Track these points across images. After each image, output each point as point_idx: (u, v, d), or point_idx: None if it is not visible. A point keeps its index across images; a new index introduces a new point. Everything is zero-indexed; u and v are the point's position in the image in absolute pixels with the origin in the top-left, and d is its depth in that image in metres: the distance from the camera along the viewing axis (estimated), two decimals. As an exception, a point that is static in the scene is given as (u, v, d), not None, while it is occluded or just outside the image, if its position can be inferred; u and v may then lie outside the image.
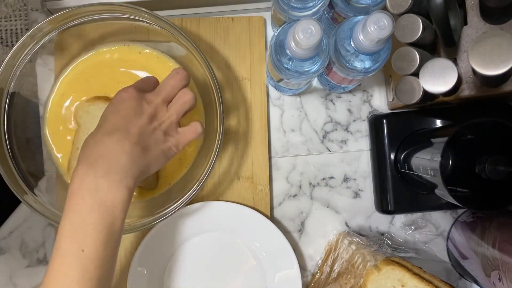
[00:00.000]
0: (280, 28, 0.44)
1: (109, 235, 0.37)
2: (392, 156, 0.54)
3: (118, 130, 0.40)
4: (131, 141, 0.39)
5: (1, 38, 0.58)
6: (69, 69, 0.52)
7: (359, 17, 0.43)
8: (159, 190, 0.53)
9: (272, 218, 0.57)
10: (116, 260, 0.39)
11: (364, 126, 0.58)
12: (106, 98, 0.51)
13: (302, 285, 0.54)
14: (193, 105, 0.45)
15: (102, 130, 0.40)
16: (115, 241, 0.38)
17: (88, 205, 0.37)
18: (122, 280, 0.55)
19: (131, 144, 0.39)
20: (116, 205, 0.37)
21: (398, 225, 0.58)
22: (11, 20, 0.58)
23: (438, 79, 0.40)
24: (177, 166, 0.53)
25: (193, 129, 0.45)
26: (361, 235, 0.58)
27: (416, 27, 0.41)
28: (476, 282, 0.55)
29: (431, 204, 0.54)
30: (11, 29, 0.58)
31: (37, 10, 0.56)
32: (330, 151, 0.58)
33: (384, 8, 0.42)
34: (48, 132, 0.52)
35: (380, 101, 0.59)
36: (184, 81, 0.44)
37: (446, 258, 0.58)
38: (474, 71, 0.36)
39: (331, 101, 0.58)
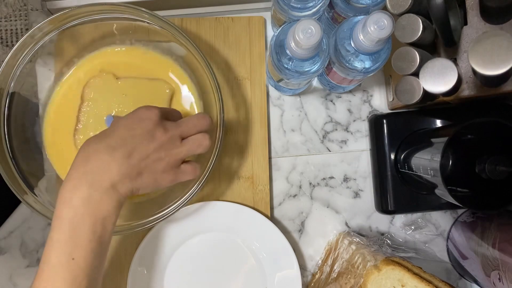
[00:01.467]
0: (280, 28, 0.44)
1: (99, 245, 0.38)
2: (392, 156, 0.54)
3: (122, 148, 0.39)
4: (130, 163, 0.39)
5: (1, 38, 0.58)
6: (69, 73, 0.52)
7: (359, 17, 0.43)
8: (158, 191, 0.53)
9: (272, 218, 0.57)
10: (103, 269, 0.40)
11: (364, 126, 0.58)
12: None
13: (302, 285, 0.54)
14: (206, 151, 0.44)
15: (108, 141, 0.40)
16: (104, 250, 0.39)
17: (80, 214, 0.37)
18: (122, 280, 0.55)
19: (129, 167, 0.39)
20: (107, 216, 0.38)
21: (398, 225, 0.58)
22: (11, 20, 0.58)
23: (438, 79, 0.40)
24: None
25: (193, 170, 0.44)
26: (361, 235, 0.58)
27: (416, 27, 0.41)
28: (476, 282, 0.55)
29: (431, 204, 0.54)
30: (11, 29, 0.58)
31: (37, 10, 0.56)
32: (330, 151, 0.58)
33: (384, 8, 0.42)
34: (48, 132, 0.52)
35: (380, 101, 0.59)
36: (206, 126, 0.44)
37: (446, 258, 0.58)
38: (474, 71, 0.36)
39: (331, 101, 0.58)
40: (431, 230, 0.58)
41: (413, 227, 0.58)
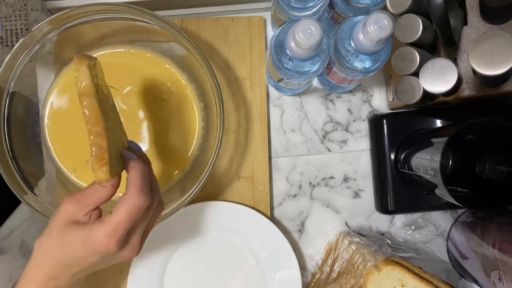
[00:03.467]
0: (280, 28, 0.44)
1: None
2: (392, 156, 0.54)
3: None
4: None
5: (1, 38, 0.58)
6: (66, 69, 0.52)
7: (359, 17, 0.43)
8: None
9: (272, 218, 0.57)
10: None
11: (364, 126, 0.58)
12: None
13: (302, 285, 0.54)
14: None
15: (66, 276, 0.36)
16: None
17: None
18: (122, 280, 0.55)
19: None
20: None
21: (398, 225, 0.58)
22: (11, 20, 0.58)
23: (438, 79, 0.40)
24: (177, 166, 0.53)
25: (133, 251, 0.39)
26: (361, 235, 0.58)
27: (416, 27, 0.41)
28: (476, 282, 0.55)
29: (431, 204, 0.54)
30: (11, 29, 0.58)
31: (37, 10, 0.56)
32: (330, 151, 0.58)
33: (384, 8, 0.42)
34: (48, 132, 0.52)
35: (380, 101, 0.59)
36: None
37: (446, 258, 0.58)
38: (474, 71, 0.36)
39: (331, 101, 0.58)
40: (431, 230, 0.58)
41: (413, 227, 0.58)
